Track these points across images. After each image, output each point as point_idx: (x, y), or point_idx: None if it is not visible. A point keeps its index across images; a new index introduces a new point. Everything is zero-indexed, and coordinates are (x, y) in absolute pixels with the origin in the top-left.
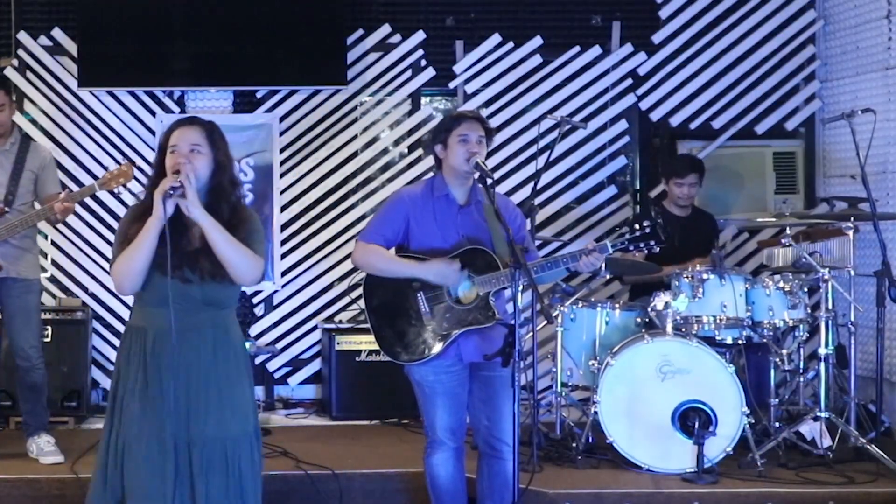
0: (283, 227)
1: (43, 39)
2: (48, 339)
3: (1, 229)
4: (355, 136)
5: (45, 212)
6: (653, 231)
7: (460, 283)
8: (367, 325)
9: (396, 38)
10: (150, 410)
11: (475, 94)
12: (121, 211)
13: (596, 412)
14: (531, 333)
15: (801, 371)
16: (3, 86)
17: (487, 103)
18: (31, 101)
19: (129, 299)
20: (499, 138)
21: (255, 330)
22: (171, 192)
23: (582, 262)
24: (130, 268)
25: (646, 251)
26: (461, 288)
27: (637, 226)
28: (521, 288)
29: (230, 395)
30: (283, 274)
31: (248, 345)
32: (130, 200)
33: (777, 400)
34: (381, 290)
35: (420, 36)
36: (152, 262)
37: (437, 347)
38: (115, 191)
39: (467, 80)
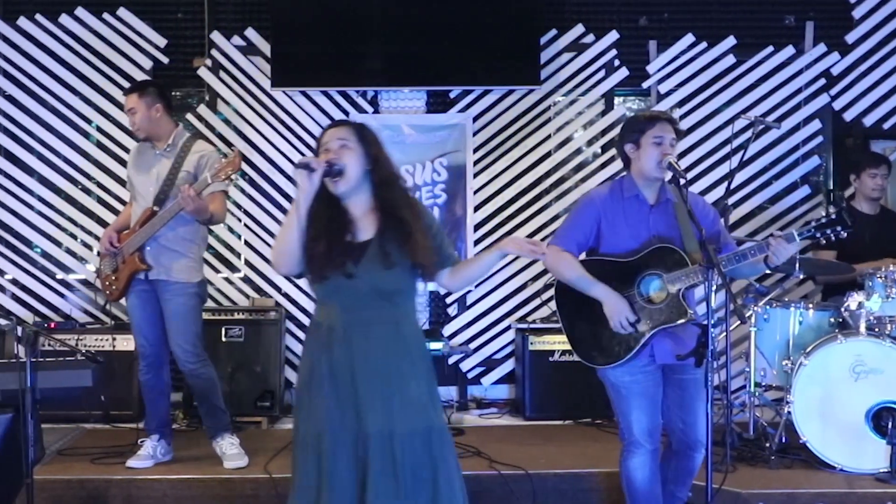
0: (477, 226)
1: (236, 39)
2: (241, 339)
3: (148, 227)
4: (548, 136)
5: (177, 205)
6: (839, 216)
7: (625, 330)
8: (560, 326)
9: (590, 38)
10: (324, 405)
11: (668, 94)
12: None
13: (789, 412)
14: (724, 333)
15: None
16: (134, 89)
17: (681, 103)
18: (225, 101)
19: None
20: (692, 138)
21: (448, 330)
22: (310, 165)
23: (770, 251)
24: (281, 246)
25: (833, 238)
26: (652, 287)
27: (822, 213)
28: (714, 288)
29: (399, 391)
30: None
31: (440, 345)
32: None
33: None
34: (574, 292)
35: (613, 36)
36: (322, 258)
37: (632, 349)
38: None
39: (660, 80)
